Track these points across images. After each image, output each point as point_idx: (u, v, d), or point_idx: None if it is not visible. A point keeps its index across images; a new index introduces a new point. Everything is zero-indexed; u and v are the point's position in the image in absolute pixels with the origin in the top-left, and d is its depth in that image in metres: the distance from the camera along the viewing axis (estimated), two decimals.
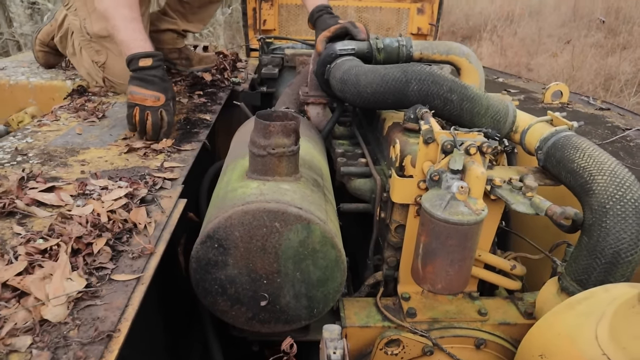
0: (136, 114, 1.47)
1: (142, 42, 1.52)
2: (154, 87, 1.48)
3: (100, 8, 1.55)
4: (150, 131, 1.47)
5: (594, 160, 1.08)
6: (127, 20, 1.53)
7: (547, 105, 2.23)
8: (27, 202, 1.09)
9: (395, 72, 1.26)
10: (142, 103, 1.47)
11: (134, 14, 1.54)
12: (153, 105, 1.47)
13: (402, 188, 1.12)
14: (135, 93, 1.48)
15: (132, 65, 1.51)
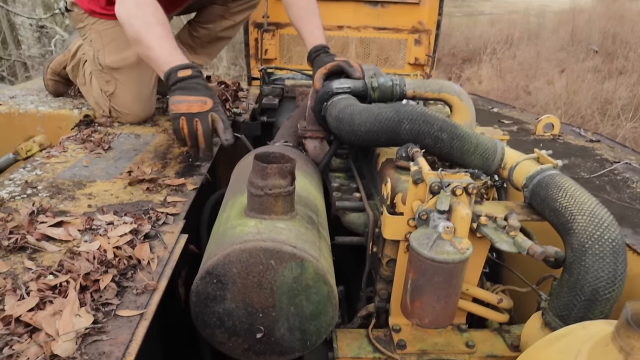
0: (183, 125, 1.34)
1: (178, 55, 1.46)
2: (199, 93, 1.37)
3: (131, 32, 1.49)
4: (203, 142, 1.35)
5: (574, 200, 1.14)
6: (160, 38, 1.47)
7: (538, 137, 2.30)
8: (38, 237, 1.15)
9: (388, 111, 1.33)
10: (188, 111, 1.34)
11: (166, 31, 1.49)
12: (201, 111, 1.34)
13: (392, 225, 1.18)
14: (179, 102, 1.35)
15: (171, 79, 1.41)
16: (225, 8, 2.24)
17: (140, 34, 1.47)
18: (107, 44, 1.99)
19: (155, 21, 1.48)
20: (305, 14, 1.81)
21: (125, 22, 1.48)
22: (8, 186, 1.49)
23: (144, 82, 2.06)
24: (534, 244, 1.08)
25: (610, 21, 10.79)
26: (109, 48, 1.99)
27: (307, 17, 1.81)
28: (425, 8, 2.81)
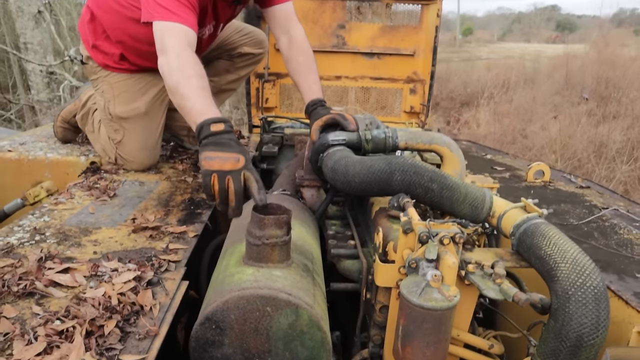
0: (215, 182, 1.26)
1: (212, 108, 1.44)
2: (232, 150, 1.30)
3: (171, 82, 1.51)
4: (234, 200, 1.26)
5: (558, 248, 1.19)
6: (197, 89, 1.47)
7: (530, 184, 2.38)
8: (46, 283, 1.21)
9: (381, 163, 1.41)
10: (220, 168, 1.26)
11: (203, 84, 1.50)
12: (233, 169, 1.26)
13: (384, 272, 1.23)
14: (212, 158, 1.27)
15: (203, 132, 1.37)
16: (231, 63, 2.38)
17: (179, 85, 1.48)
18: (118, 95, 2.11)
19: (193, 73, 1.50)
20: (304, 70, 1.93)
21: (165, 73, 1.53)
22: (17, 232, 1.55)
23: (150, 131, 2.16)
24: (519, 292, 1.13)
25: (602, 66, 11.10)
26: (120, 99, 2.11)
27: (305, 72, 1.92)
28: (420, 59, 2.95)
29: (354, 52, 2.97)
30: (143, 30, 1.69)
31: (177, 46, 1.54)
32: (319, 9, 2.92)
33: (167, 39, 1.56)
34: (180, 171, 2.23)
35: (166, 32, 1.58)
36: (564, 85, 11.21)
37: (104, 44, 2.07)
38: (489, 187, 1.85)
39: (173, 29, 1.58)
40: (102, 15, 2.01)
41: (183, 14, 1.60)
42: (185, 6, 1.62)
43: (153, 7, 1.60)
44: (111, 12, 1.96)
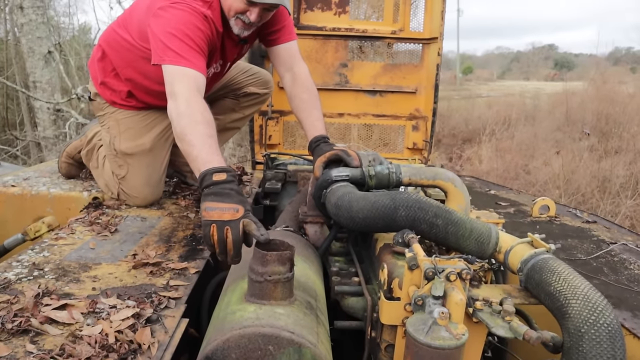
0: (214, 232, 1.28)
1: (216, 157, 1.44)
2: (231, 200, 1.32)
3: (178, 128, 1.52)
4: (232, 250, 1.28)
5: (568, 284, 1.16)
6: (203, 137, 1.48)
7: (535, 219, 2.35)
8: (41, 320, 1.18)
9: (385, 199, 1.40)
10: (219, 219, 1.28)
11: (210, 131, 1.52)
12: (232, 219, 1.28)
13: (390, 310, 1.20)
14: (211, 209, 1.30)
15: (205, 181, 1.38)
16: (237, 102, 2.42)
17: (186, 131, 1.50)
18: (124, 131, 2.13)
19: (201, 120, 1.52)
20: (307, 107, 1.94)
21: (174, 119, 1.55)
22: (16, 268, 1.53)
23: (154, 168, 2.17)
24: (529, 330, 1.09)
25: (602, 103, 11.22)
26: (125, 135, 2.13)
27: (309, 110, 1.94)
28: (422, 96, 2.98)
29: (356, 89, 3.01)
30: (153, 69, 1.72)
31: (186, 92, 1.56)
32: (322, 48, 2.98)
33: (177, 83, 1.59)
34: (182, 207, 2.22)
35: (176, 76, 1.60)
36: (564, 121, 11.30)
37: (113, 81, 2.11)
38: (494, 222, 1.83)
39: (183, 74, 1.60)
40: (113, 54, 2.05)
41: (193, 59, 1.63)
42: (195, 51, 1.65)
43: (163, 51, 1.64)
44: (122, 51, 2.00)
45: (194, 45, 1.66)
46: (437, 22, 2.87)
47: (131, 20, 1.94)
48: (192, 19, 1.68)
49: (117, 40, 2.00)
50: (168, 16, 1.67)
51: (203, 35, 1.70)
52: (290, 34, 2.04)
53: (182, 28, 1.65)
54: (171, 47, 1.62)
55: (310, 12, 2.95)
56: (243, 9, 1.75)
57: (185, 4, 1.69)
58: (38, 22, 6.43)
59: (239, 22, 1.79)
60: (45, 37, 6.62)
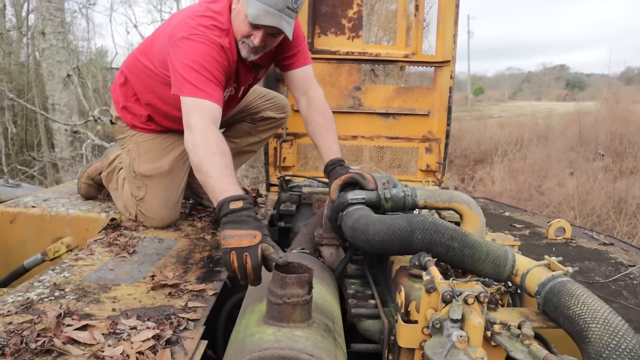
0: (234, 259, 1.31)
1: (232, 186, 1.48)
2: (248, 226, 1.36)
3: (195, 159, 1.58)
4: (252, 274, 1.32)
5: (587, 308, 1.16)
6: (219, 167, 1.53)
7: (551, 241, 2.34)
8: (64, 340, 1.20)
9: (401, 222, 1.41)
10: (238, 245, 1.32)
11: (226, 161, 1.56)
12: (250, 245, 1.32)
13: (407, 333, 1.20)
14: (230, 237, 1.34)
15: (222, 210, 1.43)
16: (253, 126, 2.46)
17: (202, 163, 1.55)
18: (143, 154, 2.18)
19: (217, 150, 1.57)
20: (323, 130, 1.98)
21: (190, 150, 1.60)
22: (37, 288, 1.56)
23: (172, 190, 2.21)
24: (549, 354, 1.09)
25: (615, 123, 11.17)
26: (144, 158, 2.18)
27: (324, 133, 1.97)
28: (435, 119, 3.01)
29: (370, 112, 3.05)
30: (172, 95, 1.78)
31: (201, 123, 1.62)
32: (336, 72, 3.03)
33: (193, 115, 1.65)
34: (199, 229, 2.25)
35: (193, 108, 1.67)
36: (577, 141, 11.25)
37: (134, 106, 2.16)
38: (510, 245, 1.82)
39: (199, 106, 1.67)
40: (134, 80, 2.11)
41: (209, 90, 1.70)
42: (211, 82, 1.72)
43: (182, 83, 1.71)
44: (143, 77, 2.06)
45: (210, 77, 1.71)
46: (449, 45, 2.91)
47: (152, 48, 2.00)
48: (209, 51, 1.74)
49: (139, 67, 2.06)
50: (186, 48, 1.73)
51: (219, 66, 1.76)
52: (305, 59, 2.08)
53: (199, 60, 1.71)
54: (188, 79, 1.69)
55: (324, 37, 3.02)
56: (247, 32, 1.79)
57: (203, 35, 1.75)
58: (58, 47, 6.62)
59: (245, 46, 1.83)
60: (65, 61, 6.81)
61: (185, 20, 1.81)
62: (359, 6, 3.01)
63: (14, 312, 1.35)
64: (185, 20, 1.81)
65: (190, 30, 1.76)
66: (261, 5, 1.70)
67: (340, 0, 3.00)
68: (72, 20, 12.11)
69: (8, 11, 10.66)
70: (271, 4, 1.69)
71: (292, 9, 1.73)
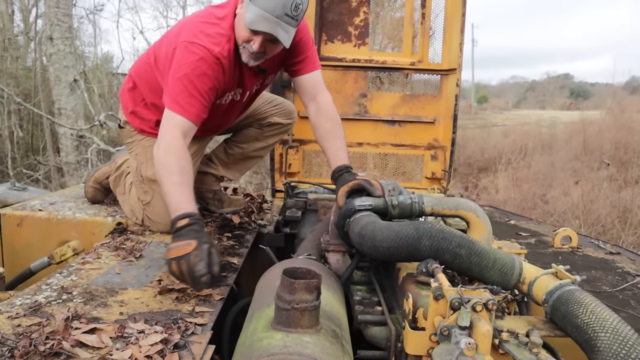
0: (175, 268, 1.49)
1: (183, 204, 1.64)
2: (187, 237, 1.53)
3: (157, 175, 1.75)
4: (188, 279, 1.47)
5: (596, 317, 1.16)
6: (175, 185, 1.68)
7: (557, 250, 2.33)
8: (72, 343, 1.20)
9: (408, 229, 1.41)
10: (175, 255, 1.49)
11: (182, 179, 1.69)
12: (185, 253, 1.48)
13: (415, 340, 1.20)
14: (170, 249, 1.52)
15: (173, 228, 1.61)
16: (260, 131, 2.46)
17: (161, 180, 1.71)
18: (150, 158, 2.18)
19: (175, 169, 1.70)
20: (331, 136, 1.99)
21: (155, 164, 1.77)
22: (45, 291, 1.56)
23: None
24: None
25: (620, 132, 11.12)
26: (151, 162, 2.17)
27: (332, 139, 1.98)
28: (440, 126, 3.02)
29: (375, 119, 3.06)
30: None
31: (169, 138, 1.75)
32: (342, 79, 3.05)
33: (164, 128, 1.78)
34: None
35: (166, 120, 1.80)
36: (582, 150, 11.21)
37: (142, 111, 2.18)
38: (517, 253, 1.82)
39: (172, 120, 1.78)
40: (142, 84, 2.13)
41: (187, 106, 1.78)
42: (194, 97, 1.79)
43: (166, 94, 1.82)
44: (152, 82, 2.08)
45: (195, 92, 1.78)
46: (455, 53, 2.92)
47: (160, 53, 2.02)
48: (201, 65, 1.78)
49: (147, 72, 2.08)
50: (181, 58, 1.79)
51: (208, 80, 1.80)
52: (314, 64, 2.09)
53: (189, 74, 1.77)
54: (171, 92, 1.78)
55: (330, 44, 3.03)
56: (247, 37, 1.80)
57: (201, 45, 1.78)
58: (65, 52, 6.68)
59: (245, 50, 1.85)
60: (72, 66, 6.87)
61: (188, 25, 1.85)
62: (365, 14, 3.03)
63: (22, 315, 1.35)
64: (188, 25, 1.85)
65: (191, 37, 1.80)
66: (258, 10, 1.71)
67: (347, 8, 3.02)
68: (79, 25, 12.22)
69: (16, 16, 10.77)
70: (269, 9, 1.70)
71: (291, 17, 1.72)
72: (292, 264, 1.55)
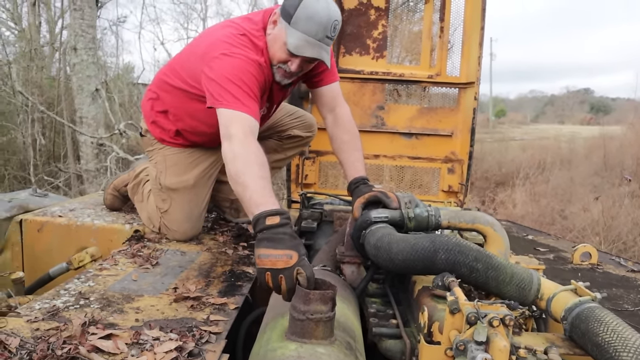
0: (269, 280, 1.31)
1: (270, 198, 1.45)
2: (284, 246, 1.32)
3: (233, 170, 1.56)
4: (286, 296, 1.29)
5: (618, 336, 1.13)
6: (257, 178, 1.51)
7: (576, 266, 2.29)
8: (89, 349, 1.21)
9: (424, 241, 1.40)
10: (273, 267, 1.30)
11: (264, 173, 1.54)
12: (286, 267, 1.29)
13: (430, 354, 1.18)
14: (265, 256, 1.32)
15: (258, 225, 1.39)
16: (280, 143, 2.47)
17: (239, 173, 1.53)
18: (170, 167, 2.22)
19: (255, 161, 1.55)
20: (348, 148, 1.99)
21: (228, 160, 1.59)
22: (63, 296, 1.58)
23: (196, 204, 2.24)
24: None
25: None
26: (171, 171, 2.22)
27: (349, 151, 1.98)
28: (458, 140, 3.00)
29: (392, 132, 3.06)
30: (201, 111, 1.82)
31: (241, 134, 1.62)
32: (359, 91, 3.06)
33: (232, 126, 1.65)
34: (220, 243, 2.27)
35: (233, 119, 1.67)
36: (602, 166, 11.03)
37: (163, 121, 2.21)
38: (535, 268, 1.79)
39: (239, 118, 1.67)
40: (164, 95, 2.16)
41: (249, 104, 1.71)
42: (250, 97, 1.74)
43: (221, 94, 1.72)
44: (174, 93, 2.10)
45: (249, 92, 1.74)
46: (473, 67, 2.92)
47: (183, 65, 2.05)
48: (247, 67, 1.77)
49: (169, 83, 2.11)
50: (225, 64, 1.77)
51: (257, 82, 1.79)
52: (334, 75, 2.10)
53: (239, 74, 1.74)
54: (229, 91, 1.71)
55: (348, 56, 3.05)
56: (285, 59, 1.82)
57: (241, 53, 1.79)
58: (88, 62, 6.84)
59: (280, 70, 1.87)
60: (94, 76, 7.02)
61: (222, 38, 1.85)
62: (383, 27, 3.05)
63: (40, 319, 1.37)
64: (222, 38, 1.85)
65: (228, 48, 1.80)
66: (302, 35, 1.73)
67: (365, 21, 3.04)
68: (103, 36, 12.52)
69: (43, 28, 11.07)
70: (311, 34, 1.72)
71: (330, 38, 1.77)
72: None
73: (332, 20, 1.73)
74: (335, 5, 1.78)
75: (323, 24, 1.72)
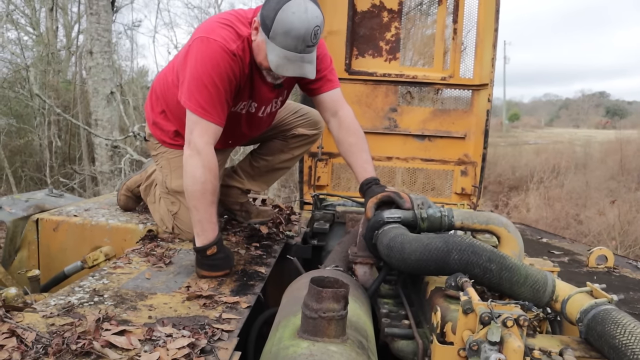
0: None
1: (212, 225, 1.81)
2: (220, 269, 1.82)
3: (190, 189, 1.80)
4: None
5: (635, 338, 1.11)
6: (209, 205, 1.80)
7: (592, 270, 2.26)
8: (102, 344, 1.23)
9: (438, 242, 1.39)
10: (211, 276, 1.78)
11: (215, 198, 1.82)
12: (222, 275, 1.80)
13: (443, 354, 1.17)
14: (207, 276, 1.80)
15: (200, 253, 1.80)
16: (285, 143, 2.42)
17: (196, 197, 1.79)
18: (174, 170, 2.21)
19: (211, 189, 1.80)
20: (356, 150, 1.97)
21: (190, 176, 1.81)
22: (78, 293, 1.60)
23: None
24: None
25: None
26: (175, 174, 2.20)
27: (357, 153, 1.96)
28: (471, 142, 2.98)
29: (405, 134, 3.05)
30: None
31: (201, 143, 1.79)
32: (372, 93, 3.06)
33: (195, 131, 1.81)
34: (233, 243, 2.28)
35: (196, 125, 1.81)
36: (618, 170, 10.88)
37: (162, 122, 2.20)
38: (549, 270, 1.77)
39: (202, 125, 1.81)
40: (162, 95, 2.15)
41: (213, 111, 1.81)
42: (218, 101, 1.80)
43: (189, 97, 1.81)
44: (170, 90, 2.08)
45: (219, 94, 1.79)
46: (487, 69, 2.90)
47: (176, 60, 2.03)
48: (220, 61, 1.76)
49: (166, 81, 2.10)
50: (200, 56, 1.77)
51: (228, 79, 1.80)
52: (332, 82, 2.04)
53: (211, 73, 1.76)
54: (197, 97, 1.79)
55: (361, 59, 3.06)
56: (268, 67, 1.80)
57: (218, 40, 1.77)
58: (104, 65, 6.93)
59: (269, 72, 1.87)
60: (109, 79, 7.11)
61: (205, 23, 1.88)
62: (396, 29, 3.05)
63: (56, 315, 1.39)
64: (205, 23, 1.88)
65: (209, 33, 1.79)
66: (281, 51, 1.71)
67: (378, 23, 3.04)
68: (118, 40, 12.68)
69: (60, 32, 11.26)
70: (291, 48, 1.70)
71: (312, 45, 1.73)
72: (319, 274, 1.55)
73: (312, 28, 1.67)
74: (315, 7, 1.68)
75: (301, 36, 1.67)
